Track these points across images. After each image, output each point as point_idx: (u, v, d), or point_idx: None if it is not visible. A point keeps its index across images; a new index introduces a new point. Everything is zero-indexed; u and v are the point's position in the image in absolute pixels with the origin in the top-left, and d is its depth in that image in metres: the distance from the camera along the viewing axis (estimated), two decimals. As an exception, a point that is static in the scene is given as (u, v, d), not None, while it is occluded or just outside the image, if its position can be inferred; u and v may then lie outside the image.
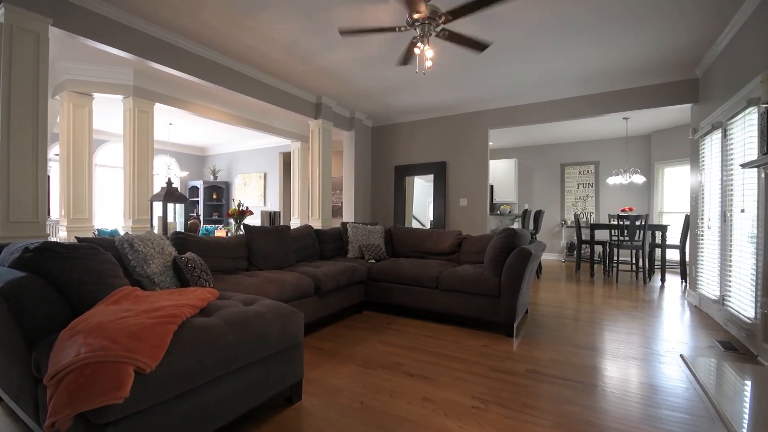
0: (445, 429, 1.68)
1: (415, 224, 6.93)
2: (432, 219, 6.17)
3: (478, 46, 3.10)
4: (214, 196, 8.97)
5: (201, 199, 8.81)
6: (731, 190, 3.22)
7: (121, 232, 4.35)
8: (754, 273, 2.70)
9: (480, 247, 3.79)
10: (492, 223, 6.25)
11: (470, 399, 1.95)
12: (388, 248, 4.37)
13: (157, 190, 4.29)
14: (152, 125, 4.49)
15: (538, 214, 6.33)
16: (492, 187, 7.69)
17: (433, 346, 2.73)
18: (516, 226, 7.13)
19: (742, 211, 2.99)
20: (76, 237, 2.00)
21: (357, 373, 2.25)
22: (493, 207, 7.27)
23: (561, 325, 3.25)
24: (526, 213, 6.00)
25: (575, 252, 7.12)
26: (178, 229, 3.72)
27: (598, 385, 2.12)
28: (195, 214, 8.41)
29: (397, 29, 2.89)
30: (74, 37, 2.92)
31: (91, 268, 1.57)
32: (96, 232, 4.60)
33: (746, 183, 2.93)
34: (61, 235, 4.35)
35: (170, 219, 3.54)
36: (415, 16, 2.74)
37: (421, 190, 7.23)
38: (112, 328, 1.25)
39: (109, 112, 5.99)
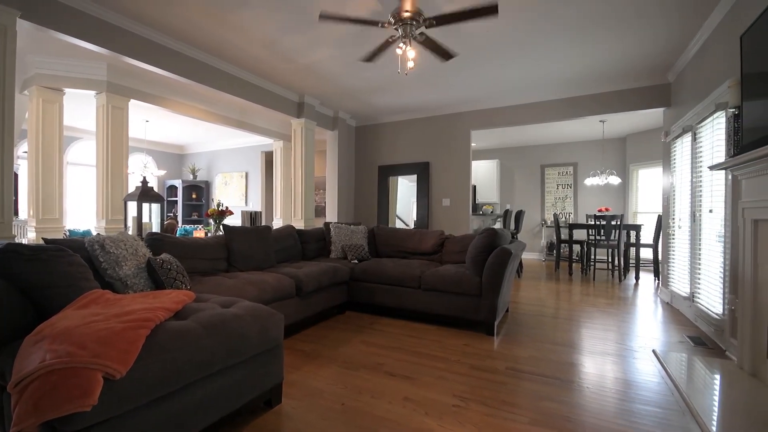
0: (426, 428, 1.69)
1: (399, 224, 6.95)
2: (415, 219, 6.20)
3: (445, 54, 3.15)
4: (194, 196, 8.77)
5: (180, 198, 8.59)
6: (700, 191, 3.35)
7: (94, 233, 4.20)
8: (722, 271, 2.82)
9: (462, 246, 3.83)
10: (474, 223, 6.32)
11: (451, 398, 1.96)
12: (371, 248, 4.37)
13: (132, 189, 4.15)
14: (127, 122, 4.34)
15: (519, 214, 6.44)
16: (474, 187, 7.77)
17: (415, 345, 2.74)
18: (498, 226, 7.24)
19: (711, 211, 3.11)
20: (43, 238, 1.91)
21: (339, 375, 2.23)
22: (476, 207, 7.36)
23: (540, 323, 3.31)
24: (507, 213, 6.09)
25: (555, 251, 7.27)
26: (154, 230, 3.62)
27: (575, 381, 2.17)
28: (172, 214, 8.19)
29: (380, 24, 2.86)
30: (44, 30, 2.80)
31: (58, 270, 1.50)
32: (67, 233, 4.42)
33: (714, 184, 3.05)
34: (29, 236, 4.16)
35: (146, 219, 3.44)
36: (404, 15, 2.73)
37: (406, 190, 7.25)
38: (80, 333, 1.20)
39: (82, 108, 5.77)
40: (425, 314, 3.33)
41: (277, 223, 6.72)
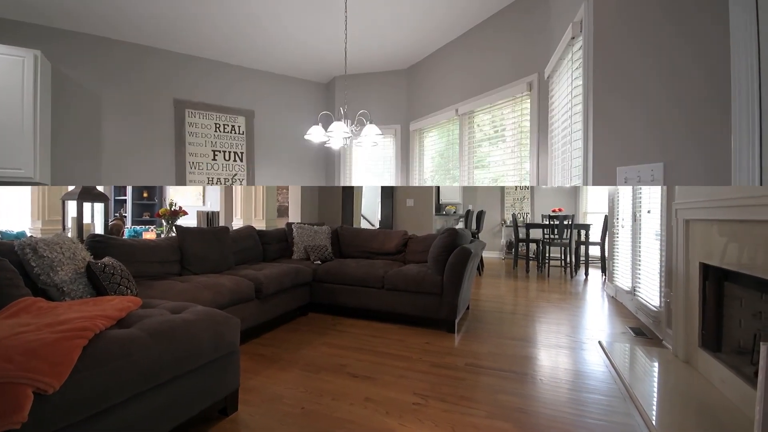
0: (386, 427, 1.69)
1: (364, 224, 6.93)
2: (380, 219, 6.22)
3: None
4: (145, 195, 8.26)
5: (129, 197, 8.06)
6: (640, 193, 3.61)
7: (29, 235, 3.83)
8: (659, 266, 3.06)
9: (425, 246, 3.88)
10: (438, 222, 6.45)
11: (411, 396, 1.98)
12: (335, 249, 4.32)
13: (72, 187, 3.83)
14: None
15: (481, 215, 6.64)
16: (438, 188, 7.93)
17: (377, 345, 2.75)
18: (460, 225, 7.42)
19: (649, 212, 3.37)
20: (-37, 241, 1.72)
21: (299, 378, 2.19)
22: (439, 207, 7.50)
23: (499, 319, 3.43)
24: (469, 213, 6.26)
25: (513, 250, 7.58)
26: (97, 231, 3.37)
27: (530, 374, 2.27)
28: (119, 215, 7.67)
29: None
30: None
31: (-20, 277, 1.36)
32: (-3, 235, 4.00)
33: (652, 187, 3.30)
34: (-51, 239, 3.73)
35: (88, 220, 3.19)
36: None
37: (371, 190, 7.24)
38: (6, 345, 1.09)
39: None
40: (388, 314, 3.35)
41: (238, 224, 6.48)
